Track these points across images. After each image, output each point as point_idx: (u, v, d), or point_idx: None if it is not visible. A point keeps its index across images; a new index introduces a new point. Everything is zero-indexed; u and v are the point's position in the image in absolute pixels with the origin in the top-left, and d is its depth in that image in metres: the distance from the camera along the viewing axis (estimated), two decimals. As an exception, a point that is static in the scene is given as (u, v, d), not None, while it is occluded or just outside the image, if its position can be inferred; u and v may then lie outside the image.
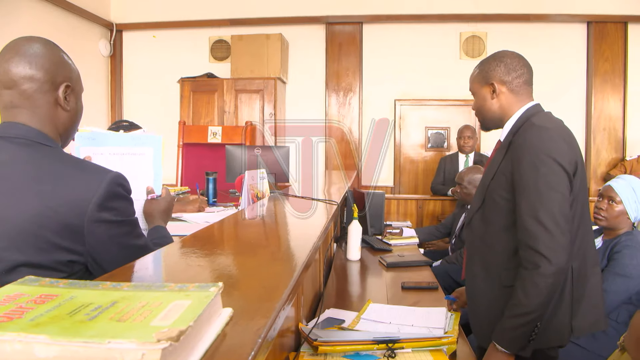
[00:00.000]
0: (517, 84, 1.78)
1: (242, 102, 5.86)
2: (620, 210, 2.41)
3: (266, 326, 0.65)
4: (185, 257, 1.11)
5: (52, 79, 1.23)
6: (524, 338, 1.57)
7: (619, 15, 5.80)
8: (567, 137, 1.65)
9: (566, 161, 1.58)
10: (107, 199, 1.16)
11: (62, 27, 5.61)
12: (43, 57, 1.22)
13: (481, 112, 1.86)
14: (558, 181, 1.56)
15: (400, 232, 3.92)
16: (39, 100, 1.22)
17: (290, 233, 1.68)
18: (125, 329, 0.53)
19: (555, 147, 1.58)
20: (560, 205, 1.55)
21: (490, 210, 1.76)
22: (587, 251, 1.72)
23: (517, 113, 1.77)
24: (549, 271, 1.52)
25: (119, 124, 3.17)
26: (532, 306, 1.54)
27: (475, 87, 1.87)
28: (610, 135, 5.93)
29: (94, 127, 1.89)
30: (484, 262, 1.77)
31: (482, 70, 1.84)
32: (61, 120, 1.28)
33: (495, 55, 1.83)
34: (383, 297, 2.28)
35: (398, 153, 6.26)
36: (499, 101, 1.80)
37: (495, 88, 1.79)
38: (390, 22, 6.18)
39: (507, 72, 1.78)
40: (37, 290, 0.66)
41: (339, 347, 1.43)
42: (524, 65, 1.80)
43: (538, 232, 1.54)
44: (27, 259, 1.09)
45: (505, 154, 1.72)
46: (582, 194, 1.68)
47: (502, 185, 1.69)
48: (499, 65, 1.79)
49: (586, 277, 1.70)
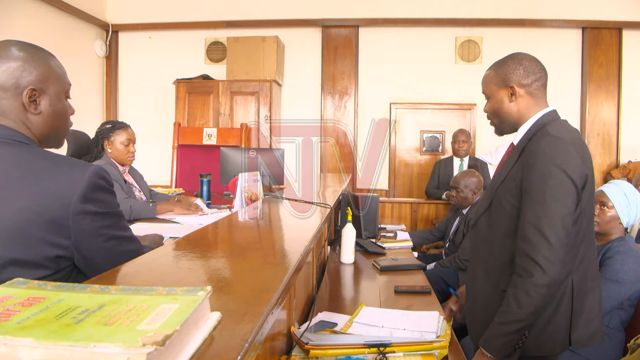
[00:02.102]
0: (535, 87, 1.76)
1: (238, 104, 5.86)
2: (612, 216, 2.41)
3: (254, 330, 0.65)
4: (176, 260, 1.11)
5: (15, 84, 1.22)
6: (511, 346, 1.57)
7: (613, 21, 5.84)
8: (581, 149, 1.63)
9: (577, 175, 1.56)
10: (90, 190, 1.17)
11: (58, 27, 5.60)
12: (7, 62, 1.22)
13: (498, 115, 1.82)
14: (565, 194, 1.55)
15: (394, 235, 3.92)
16: (5, 106, 1.22)
17: (282, 236, 1.68)
18: (111, 333, 0.53)
19: (567, 160, 1.57)
20: (563, 218, 1.54)
21: (496, 214, 1.75)
22: (588, 265, 1.72)
23: (533, 118, 1.75)
24: (542, 282, 1.52)
25: (102, 127, 3.15)
26: (522, 315, 1.54)
27: (492, 89, 1.81)
28: (604, 140, 5.96)
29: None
30: (486, 265, 1.77)
31: (499, 72, 1.80)
32: (34, 124, 1.27)
33: (514, 57, 1.80)
34: (376, 301, 2.28)
35: (393, 156, 6.27)
36: (517, 104, 1.77)
37: (515, 91, 1.76)
38: (386, 25, 6.19)
39: (526, 75, 1.75)
40: (25, 293, 0.66)
41: (331, 350, 1.44)
42: (541, 68, 1.79)
43: (538, 241, 1.54)
44: (14, 256, 1.09)
45: (517, 160, 1.70)
46: (589, 208, 1.67)
47: (511, 190, 1.68)
48: (518, 67, 1.76)
49: (586, 291, 1.70)
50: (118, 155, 3.09)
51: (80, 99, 5.69)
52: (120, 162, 3.11)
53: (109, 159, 3.06)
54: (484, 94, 1.87)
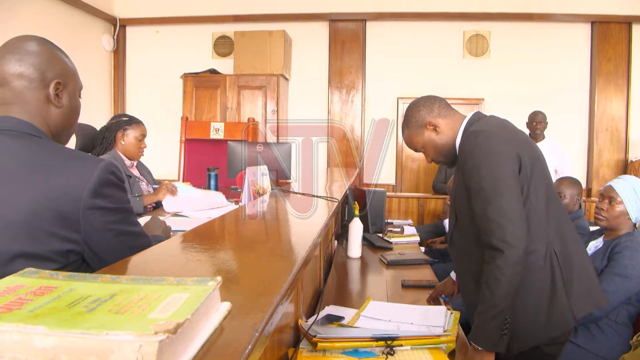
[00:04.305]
0: (444, 111, 1.90)
1: (245, 99, 5.86)
2: (620, 211, 2.40)
3: (263, 321, 0.66)
4: (185, 252, 1.12)
5: (41, 76, 1.25)
6: (496, 333, 1.57)
7: (623, 16, 5.78)
8: (504, 133, 1.73)
9: (504, 157, 1.64)
10: (100, 186, 1.17)
11: (65, 21, 5.61)
12: (33, 54, 1.24)
13: (439, 153, 1.92)
14: (499, 177, 1.62)
15: (401, 230, 3.92)
16: (28, 97, 1.24)
17: (290, 229, 1.68)
18: (123, 321, 0.53)
19: (489, 146, 1.66)
20: (505, 198, 1.59)
21: (463, 222, 1.82)
22: (565, 233, 1.75)
23: (459, 130, 1.85)
24: (504, 262, 1.56)
25: (118, 118, 3.18)
26: (495, 300, 1.57)
27: (418, 139, 1.93)
28: (612, 135, 5.91)
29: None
30: (472, 274, 1.79)
31: (412, 126, 1.92)
32: (52, 117, 1.29)
33: (410, 108, 1.94)
34: (383, 295, 2.29)
35: (400, 151, 6.25)
36: (444, 132, 1.88)
37: (433, 123, 1.88)
38: (394, 19, 6.17)
39: (429, 109, 1.89)
40: (36, 282, 0.67)
41: (338, 343, 1.44)
42: (434, 97, 1.94)
43: (490, 228, 1.60)
44: (23, 250, 1.10)
45: (458, 167, 1.81)
46: (538, 181, 1.71)
47: (462, 195, 1.77)
48: (420, 110, 1.90)
49: (571, 258, 1.73)
50: (130, 149, 3.10)
51: (88, 93, 5.66)
52: (129, 157, 3.13)
53: (116, 153, 3.07)
54: (418, 151, 1.98)
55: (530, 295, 1.67)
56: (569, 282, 1.69)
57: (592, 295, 1.75)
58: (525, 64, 5.97)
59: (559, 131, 5.51)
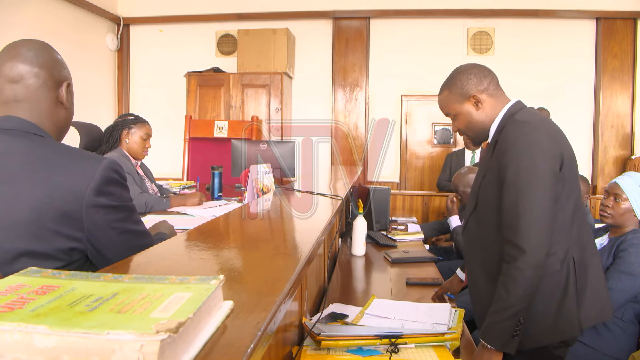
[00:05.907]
0: (492, 88, 1.81)
1: (249, 97, 5.86)
2: (626, 208, 2.39)
3: (266, 319, 0.65)
4: (188, 250, 1.12)
5: (54, 77, 1.28)
6: (507, 333, 1.56)
7: (628, 12, 5.74)
8: (550, 129, 1.68)
9: (548, 155, 1.59)
10: (103, 184, 1.18)
11: (69, 20, 5.62)
12: (45, 56, 1.28)
13: (470, 128, 1.85)
14: (539, 175, 1.57)
15: (405, 228, 3.91)
16: (41, 96, 1.27)
17: (294, 227, 1.68)
18: (124, 320, 0.53)
19: (536, 141, 1.60)
20: (540, 199, 1.55)
21: (484, 210, 1.77)
22: (585, 241, 1.73)
23: (500, 114, 1.78)
24: (525, 265, 1.53)
25: (125, 117, 3.18)
26: (511, 301, 1.55)
27: (455, 107, 1.85)
28: (617, 132, 5.88)
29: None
30: (484, 265, 1.77)
31: (454, 89, 1.84)
32: (60, 117, 1.32)
33: (460, 71, 1.86)
34: (387, 293, 2.28)
35: (404, 149, 6.24)
36: (484, 110, 1.80)
37: (478, 98, 1.80)
38: (398, 17, 6.15)
39: (480, 81, 1.81)
40: (39, 282, 0.67)
41: (342, 341, 1.43)
42: (489, 70, 1.85)
43: (517, 225, 1.56)
44: (27, 248, 1.10)
45: (492, 153, 1.74)
46: (572, 185, 1.68)
47: (492, 183, 1.71)
48: (470, 77, 1.81)
49: (586, 267, 1.71)
50: (135, 148, 3.10)
51: (92, 92, 5.72)
52: (134, 156, 3.13)
53: (122, 151, 3.07)
54: (448, 116, 1.91)
55: (540, 297, 1.64)
56: (582, 290, 1.67)
57: (601, 308, 1.74)
58: (529, 61, 5.94)
59: (564, 128, 5.40)
